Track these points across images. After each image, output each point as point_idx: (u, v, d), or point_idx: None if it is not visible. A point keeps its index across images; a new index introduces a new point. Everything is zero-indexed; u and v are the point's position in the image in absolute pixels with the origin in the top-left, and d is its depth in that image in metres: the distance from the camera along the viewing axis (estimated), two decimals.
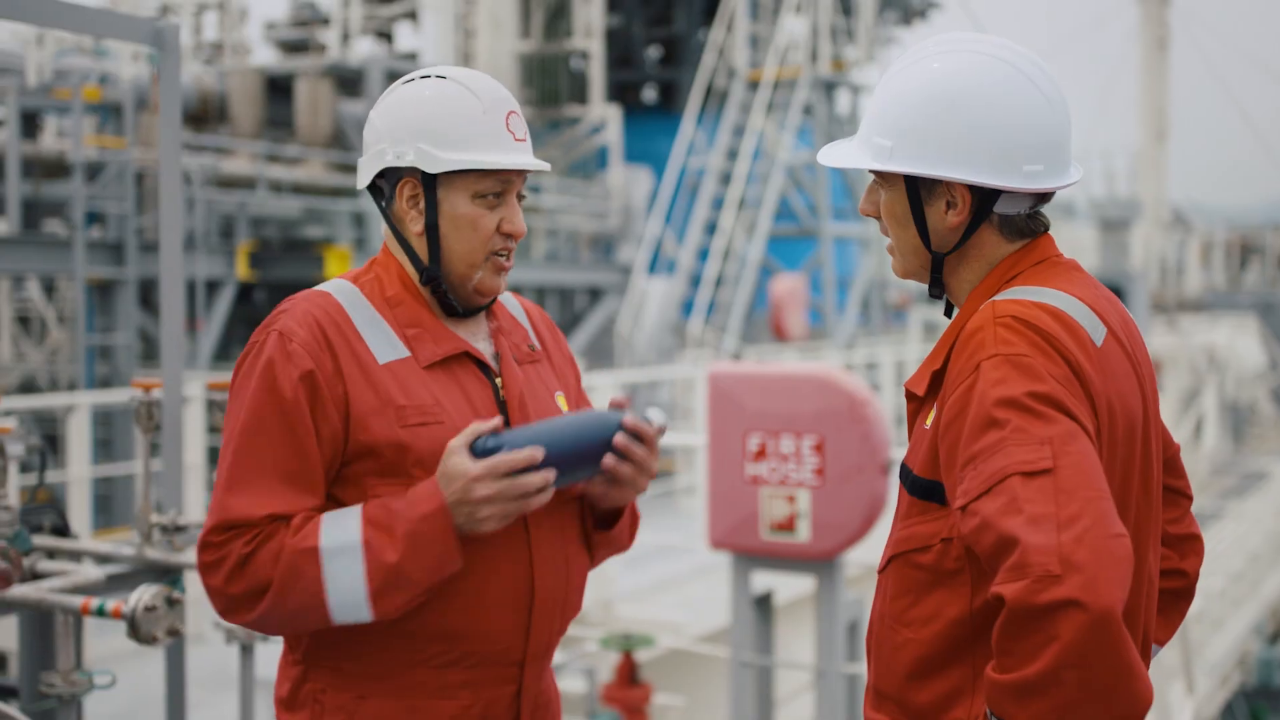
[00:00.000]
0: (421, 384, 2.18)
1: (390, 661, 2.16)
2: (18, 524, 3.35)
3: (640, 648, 7.19)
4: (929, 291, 2.05)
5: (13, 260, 13.86)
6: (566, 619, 2.30)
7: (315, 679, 2.20)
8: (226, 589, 2.10)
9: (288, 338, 2.14)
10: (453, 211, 2.21)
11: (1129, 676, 1.63)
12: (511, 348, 2.32)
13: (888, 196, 2.01)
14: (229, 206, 16.00)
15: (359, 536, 2.08)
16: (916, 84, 1.95)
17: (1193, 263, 37.72)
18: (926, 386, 1.97)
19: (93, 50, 17.75)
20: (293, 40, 21.69)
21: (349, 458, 2.15)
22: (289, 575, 2.07)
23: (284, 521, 2.10)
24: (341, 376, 2.14)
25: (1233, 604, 12.18)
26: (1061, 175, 1.96)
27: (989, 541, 1.70)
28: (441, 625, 2.15)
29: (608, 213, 21.22)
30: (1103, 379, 1.86)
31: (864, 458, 5.29)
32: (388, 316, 2.22)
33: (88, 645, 4.30)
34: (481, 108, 2.21)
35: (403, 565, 2.07)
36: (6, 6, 3.50)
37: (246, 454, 2.11)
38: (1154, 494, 1.98)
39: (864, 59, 22.28)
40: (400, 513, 2.08)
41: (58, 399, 9.72)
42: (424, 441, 2.14)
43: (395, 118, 2.22)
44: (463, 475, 2.07)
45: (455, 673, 2.17)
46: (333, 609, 2.09)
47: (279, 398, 2.11)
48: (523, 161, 2.22)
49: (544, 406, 2.30)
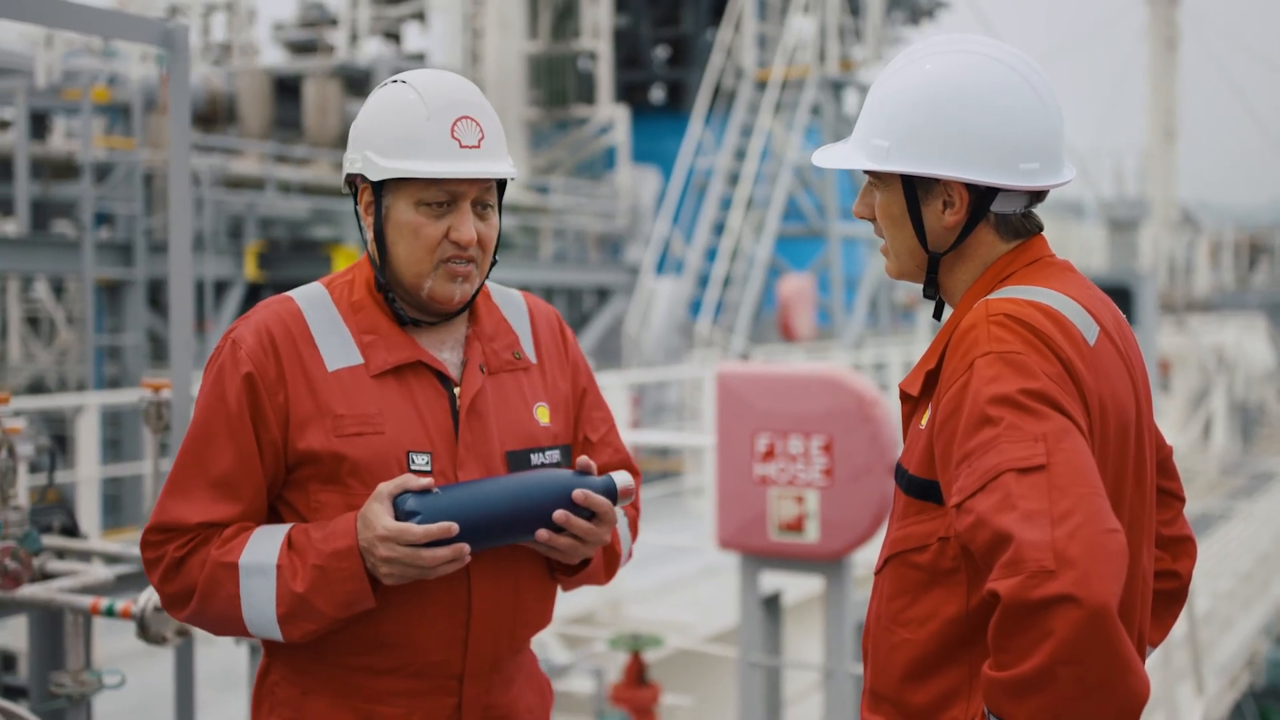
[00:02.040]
0: (366, 393, 2.16)
1: (336, 663, 2.18)
2: (27, 524, 3.36)
3: (648, 648, 7.19)
4: (924, 292, 2.05)
5: (22, 261, 13.89)
6: (520, 633, 2.26)
7: (274, 671, 2.24)
8: (161, 588, 2.17)
9: (238, 345, 2.18)
10: (397, 219, 2.18)
11: (1125, 672, 1.62)
12: (488, 355, 2.27)
13: (883, 197, 2.01)
14: (237, 207, 16.03)
15: (275, 559, 2.10)
16: (912, 84, 1.95)
17: (1201, 263, 37.66)
18: (921, 386, 1.97)
19: (101, 51, 17.79)
20: (301, 41, 21.72)
21: (291, 464, 2.17)
22: (210, 585, 2.12)
23: (217, 529, 2.14)
24: (284, 383, 2.15)
25: (1242, 605, 12.16)
26: (1056, 174, 1.96)
27: (983, 539, 1.70)
28: (375, 635, 2.16)
29: (615, 213, 21.22)
30: (1095, 377, 1.86)
31: (872, 458, 5.28)
32: (349, 322, 2.21)
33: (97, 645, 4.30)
34: (426, 114, 2.16)
35: (308, 597, 2.08)
36: (15, 7, 3.51)
37: (191, 459, 2.16)
38: (1147, 493, 1.98)
39: (872, 59, 22.27)
40: (316, 544, 2.10)
41: (67, 399, 9.74)
42: (360, 451, 2.13)
43: (356, 124, 2.23)
44: (373, 528, 2.06)
45: (394, 680, 2.18)
46: (248, 623, 2.14)
47: (225, 405, 2.15)
48: (462, 170, 2.15)
49: (513, 419, 2.25)
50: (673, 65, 26.69)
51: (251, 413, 2.15)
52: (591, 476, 2.20)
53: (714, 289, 19.06)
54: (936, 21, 28.60)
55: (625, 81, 25.32)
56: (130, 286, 14.35)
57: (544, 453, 2.26)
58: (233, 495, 2.14)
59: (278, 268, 15.95)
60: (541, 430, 2.28)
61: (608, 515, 2.18)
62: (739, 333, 18.60)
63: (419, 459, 2.15)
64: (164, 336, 14.91)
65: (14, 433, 3.41)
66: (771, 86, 20.29)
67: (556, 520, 2.13)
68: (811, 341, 18.88)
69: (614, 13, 23.56)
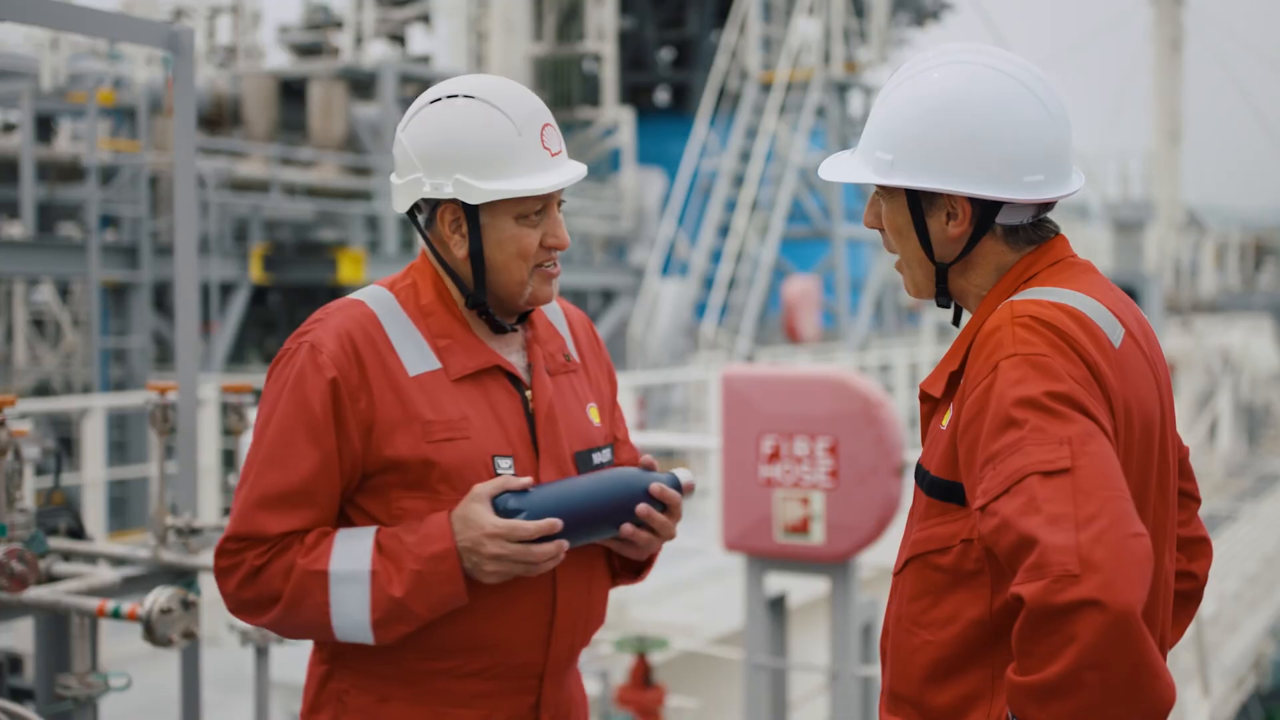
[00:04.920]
0: (450, 398, 2.18)
1: (413, 668, 2.18)
2: (33, 526, 3.36)
3: (654, 650, 7.18)
4: (937, 301, 2.04)
5: (27, 263, 13.90)
6: (589, 632, 2.31)
7: (340, 679, 2.22)
8: (238, 594, 2.15)
9: (318, 350, 2.15)
10: (498, 236, 2.20)
11: (1151, 676, 1.62)
12: (546, 358, 2.31)
13: (889, 208, 2.01)
14: (243, 209, 16.03)
15: (368, 565, 2.10)
16: (914, 96, 1.95)
17: (1207, 264, 37.56)
18: (943, 388, 1.96)
19: (107, 54, 17.79)
20: (306, 44, 21.72)
21: (371, 470, 2.16)
22: (298, 593, 2.11)
23: (298, 536, 2.13)
24: (368, 390, 2.15)
25: (1248, 606, 12.13)
26: (1063, 184, 1.95)
27: (1008, 541, 1.69)
28: (465, 637, 2.17)
29: (620, 215, 21.21)
30: (1120, 380, 1.85)
31: (878, 460, 5.28)
32: (421, 326, 2.22)
33: (103, 647, 4.31)
34: (516, 130, 2.18)
35: (406, 601, 2.10)
36: (21, 10, 3.51)
37: (270, 465, 2.14)
38: (1170, 496, 1.98)
39: (877, 61, 22.25)
40: (411, 548, 2.11)
41: (73, 402, 9.74)
42: (449, 457, 2.15)
43: (427, 145, 2.19)
44: (479, 528, 2.09)
45: (475, 683, 2.19)
46: (337, 630, 2.13)
47: (309, 413, 2.13)
48: (564, 179, 2.21)
49: (574, 420, 2.30)
50: (678, 67, 26.68)
51: (335, 417, 2.13)
52: (658, 472, 2.29)
53: (719, 291, 19.04)
54: (941, 23, 28.58)
55: (630, 84, 25.31)
56: (135, 289, 14.36)
57: (601, 452, 2.33)
58: (312, 502, 2.14)
59: (283, 270, 15.96)
60: (596, 430, 2.34)
61: (678, 508, 2.26)
62: (744, 334, 18.58)
63: (503, 463, 2.19)
64: (169, 339, 14.93)
65: (20, 435, 3.41)
66: (776, 88, 20.28)
67: (639, 514, 2.21)
68: (816, 343, 18.86)
69: (619, 15, 23.56)
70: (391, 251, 16.97)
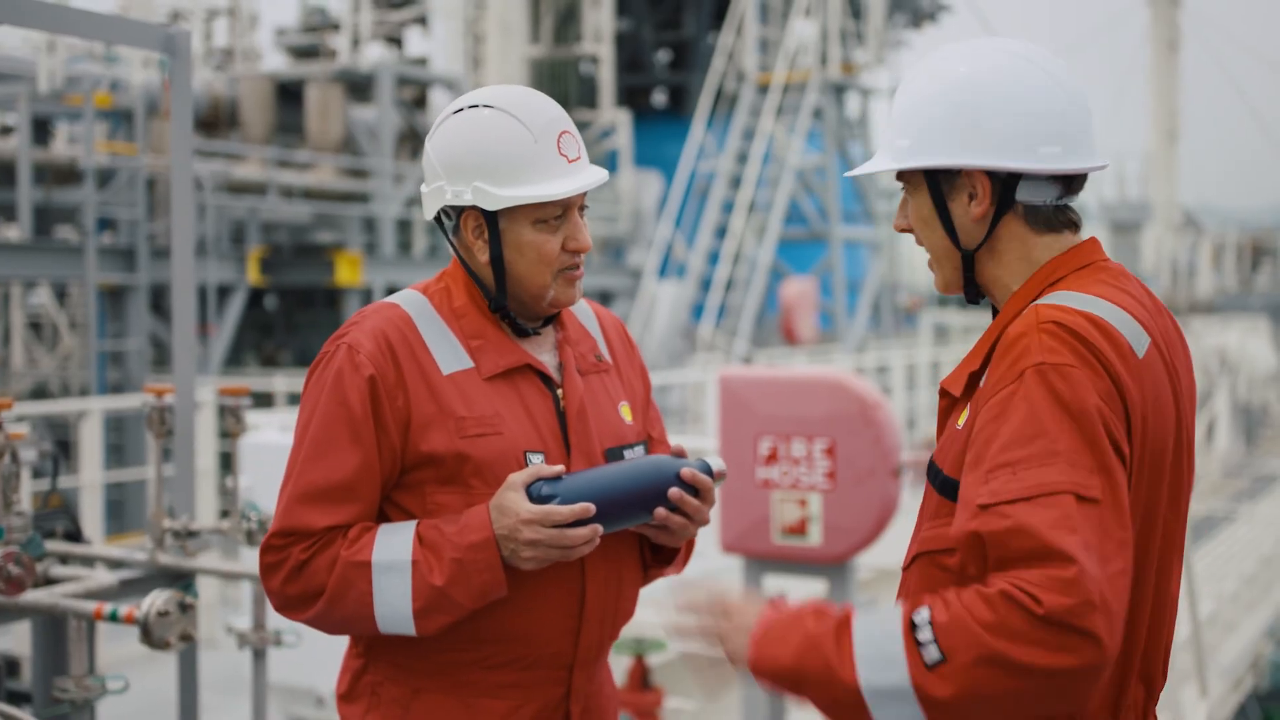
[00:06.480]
0: (483, 395, 2.24)
1: (446, 660, 2.24)
2: (30, 529, 3.36)
3: (652, 652, 7.18)
4: (965, 296, 2.06)
5: (25, 266, 13.90)
6: (618, 625, 2.35)
7: (374, 671, 2.29)
8: (283, 590, 2.21)
9: (356, 350, 2.22)
10: (517, 241, 2.26)
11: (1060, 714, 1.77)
12: (577, 358, 2.37)
13: (914, 202, 2.04)
14: (240, 212, 16.04)
15: (409, 555, 2.16)
16: (924, 81, 2.00)
17: (1204, 265, 37.58)
18: (963, 387, 1.97)
19: (104, 57, 17.79)
20: (303, 46, 21.70)
21: (408, 466, 2.23)
22: (341, 585, 2.17)
23: (341, 531, 2.19)
24: (404, 388, 2.21)
25: (1245, 607, 12.13)
26: (1084, 160, 1.96)
27: (1024, 546, 1.71)
28: (496, 628, 2.22)
29: (618, 217, 21.22)
30: (1140, 392, 1.86)
31: (875, 461, 5.28)
32: (454, 327, 2.29)
33: (100, 650, 4.31)
34: (532, 137, 2.25)
35: (447, 590, 2.15)
36: (18, 13, 3.51)
37: (312, 463, 2.20)
38: (1182, 509, 1.98)
39: (874, 62, 22.27)
40: (450, 538, 2.16)
41: (70, 404, 9.74)
42: (482, 452, 2.21)
43: (449, 155, 2.27)
44: (515, 515, 2.14)
45: (507, 673, 2.25)
46: (379, 621, 2.18)
47: (349, 411, 2.20)
48: (580, 185, 2.26)
49: (605, 418, 2.35)
50: (674, 69, 26.70)
51: (374, 415, 2.20)
52: (688, 459, 2.33)
53: (716, 293, 19.06)
54: (938, 25, 28.60)
55: (627, 85, 25.33)
56: (133, 292, 14.37)
57: (633, 449, 2.38)
58: (354, 497, 2.20)
59: (280, 273, 15.97)
60: (627, 428, 2.40)
61: (710, 493, 2.31)
62: (741, 336, 18.59)
63: (535, 458, 2.24)
64: (167, 341, 14.92)
65: (17, 438, 3.41)
66: (773, 90, 20.30)
67: (672, 498, 2.25)
68: (814, 345, 18.88)
69: (616, 17, 23.57)
70: (389, 254, 16.98)
